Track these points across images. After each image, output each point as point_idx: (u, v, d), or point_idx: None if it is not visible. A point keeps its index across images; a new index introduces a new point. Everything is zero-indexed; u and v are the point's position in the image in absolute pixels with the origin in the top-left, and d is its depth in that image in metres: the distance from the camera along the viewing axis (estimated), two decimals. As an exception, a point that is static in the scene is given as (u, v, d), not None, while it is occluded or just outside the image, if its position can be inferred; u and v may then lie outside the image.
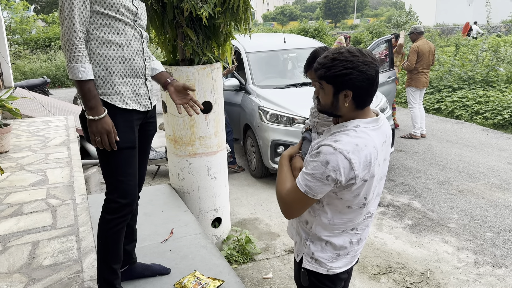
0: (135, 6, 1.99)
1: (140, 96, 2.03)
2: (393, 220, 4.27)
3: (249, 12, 3.31)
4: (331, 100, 1.49)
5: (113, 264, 2.11)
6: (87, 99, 1.84)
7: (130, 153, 2.00)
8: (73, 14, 1.79)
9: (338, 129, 1.52)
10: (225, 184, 3.61)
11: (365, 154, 1.43)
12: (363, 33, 21.54)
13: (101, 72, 1.91)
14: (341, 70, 1.41)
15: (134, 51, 1.98)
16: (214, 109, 3.32)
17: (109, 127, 1.87)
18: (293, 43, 6.50)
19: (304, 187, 1.48)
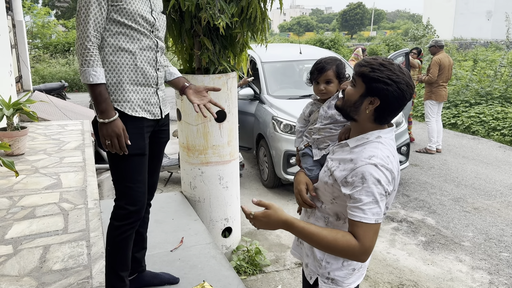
0: (153, 17, 2.00)
1: (150, 104, 2.03)
2: (406, 236, 4.19)
3: (266, 22, 3.32)
4: (356, 99, 1.45)
5: (121, 272, 2.10)
6: (98, 102, 1.85)
7: (140, 160, 2.00)
8: (88, 19, 1.81)
9: (358, 142, 1.48)
10: (237, 193, 3.59)
11: (396, 165, 1.43)
12: (380, 45, 21.46)
13: (112, 79, 1.92)
14: (384, 78, 1.38)
15: (147, 60, 1.99)
16: (228, 118, 3.32)
17: (119, 130, 1.88)
18: (308, 54, 6.49)
19: (373, 216, 1.35)
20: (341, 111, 1.53)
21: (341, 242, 1.34)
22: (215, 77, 3.20)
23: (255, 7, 3.05)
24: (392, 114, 1.45)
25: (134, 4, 1.90)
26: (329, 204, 1.56)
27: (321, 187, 1.59)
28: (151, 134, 2.12)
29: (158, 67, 2.06)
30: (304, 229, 1.37)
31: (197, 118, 3.25)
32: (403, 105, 1.42)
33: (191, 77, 3.20)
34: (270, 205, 1.39)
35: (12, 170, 3.16)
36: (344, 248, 1.34)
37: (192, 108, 3.22)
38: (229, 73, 3.28)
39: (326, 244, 1.35)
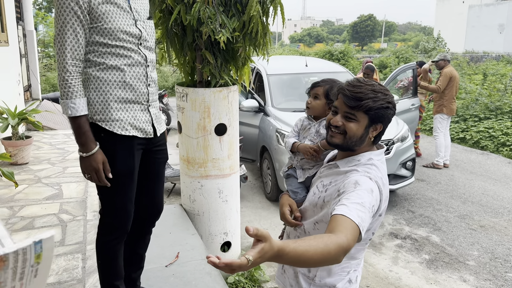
0: (138, 29, 1.93)
1: (141, 122, 1.98)
2: (409, 254, 4.11)
3: (268, 37, 3.31)
4: (362, 133, 1.41)
5: (115, 281, 2.09)
6: (77, 135, 1.81)
7: (128, 178, 1.97)
8: (63, 49, 1.76)
9: (349, 163, 1.44)
10: (237, 207, 3.56)
11: (386, 188, 1.40)
12: (389, 58, 21.39)
13: (99, 97, 1.87)
14: (384, 104, 1.39)
15: (137, 76, 1.93)
16: (229, 131, 3.30)
17: (98, 164, 1.83)
18: (314, 66, 6.48)
19: (358, 218, 1.21)
20: (342, 148, 1.46)
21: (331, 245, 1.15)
22: (216, 90, 3.19)
23: (256, 22, 3.04)
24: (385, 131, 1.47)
25: (115, 21, 1.84)
26: (311, 228, 1.52)
27: (309, 209, 1.54)
28: (147, 154, 2.08)
29: (149, 83, 2.00)
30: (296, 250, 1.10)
31: (197, 131, 3.23)
32: None
33: (192, 90, 3.20)
34: (266, 236, 1.05)
35: (11, 181, 3.17)
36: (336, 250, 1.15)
37: (193, 121, 3.22)
38: (230, 87, 3.27)
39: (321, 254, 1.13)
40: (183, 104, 3.26)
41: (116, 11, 1.85)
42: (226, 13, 3.06)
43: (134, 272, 2.31)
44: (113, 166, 1.90)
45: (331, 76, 7.00)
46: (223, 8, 3.04)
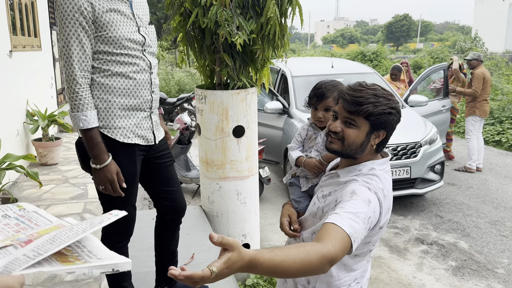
0: (142, 35, 1.94)
1: (143, 129, 1.99)
2: (435, 260, 3.98)
3: (286, 38, 3.29)
4: (363, 140, 1.35)
5: (123, 283, 2.13)
6: (90, 147, 1.81)
7: (130, 184, 1.98)
8: (71, 61, 1.75)
9: (350, 173, 1.38)
10: (255, 209, 3.55)
11: (388, 200, 1.34)
12: (424, 58, 20.86)
13: (103, 104, 1.87)
14: (387, 109, 1.32)
15: (142, 83, 1.94)
16: (247, 133, 3.30)
17: (112, 175, 1.83)
18: (341, 68, 6.39)
19: (349, 228, 1.16)
20: (341, 155, 1.41)
21: (313, 254, 1.08)
22: (233, 93, 3.20)
23: (274, 23, 3.03)
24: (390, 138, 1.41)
25: (119, 29, 1.84)
26: (309, 238, 1.47)
27: (309, 219, 1.50)
28: (150, 161, 2.10)
29: (153, 89, 2.01)
30: (271, 260, 1.03)
31: (215, 133, 3.25)
32: None
33: (210, 92, 3.22)
34: (233, 245, 0.97)
35: (36, 180, 3.28)
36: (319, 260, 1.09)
37: (211, 123, 3.24)
38: (248, 89, 3.27)
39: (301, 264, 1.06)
40: (202, 106, 3.28)
41: (120, 19, 1.86)
42: (243, 16, 3.06)
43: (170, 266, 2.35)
44: None
45: (358, 78, 6.89)
46: (241, 11, 3.05)
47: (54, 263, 0.68)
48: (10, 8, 5.05)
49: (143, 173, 2.16)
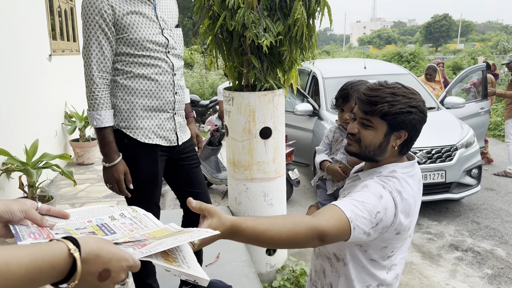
0: (165, 37, 1.97)
1: (165, 130, 2.02)
2: (470, 268, 3.84)
3: (314, 39, 3.27)
4: (381, 141, 1.29)
5: (147, 280, 2.18)
6: (101, 145, 1.87)
7: (151, 185, 2.02)
8: (90, 62, 1.81)
9: (370, 175, 1.34)
10: (282, 211, 3.55)
11: (406, 205, 1.26)
12: (464, 59, 20.20)
13: (125, 105, 1.91)
14: (405, 108, 1.25)
15: (164, 85, 1.97)
16: (274, 135, 3.30)
17: (119, 175, 1.87)
18: (373, 69, 6.29)
19: (350, 213, 1.15)
20: (360, 157, 1.36)
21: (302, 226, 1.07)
22: (260, 94, 3.21)
23: (301, 25, 3.02)
24: (416, 139, 1.34)
25: (140, 31, 1.87)
26: None
27: None
28: (175, 163, 2.12)
29: (176, 91, 2.03)
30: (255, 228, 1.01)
31: (242, 134, 3.27)
32: (423, 125, 1.32)
33: (238, 94, 3.25)
34: (212, 211, 0.97)
35: (70, 179, 3.41)
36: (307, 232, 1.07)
37: (238, 124, 3.26)
38: (275, 90, 3.27)
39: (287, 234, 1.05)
40: (230, 108, 3.32)
41: (142, 21, 1.89)
42: (271, 17, 3.07)
43: None
44: (137, 172, 1.96)
45: (391, 79, 6.76)
46: (268, 13, 3.06)
47: (159, 258, 0.80)
48: (50, 14, 5.28)
49: (169, 173, 2.20)
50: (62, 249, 0.68)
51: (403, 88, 1.31)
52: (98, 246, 0.72)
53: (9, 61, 3.88)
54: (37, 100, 4.55)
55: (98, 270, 0.71)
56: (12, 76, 3.91)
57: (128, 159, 1.94)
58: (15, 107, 3.92)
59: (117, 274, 0.73)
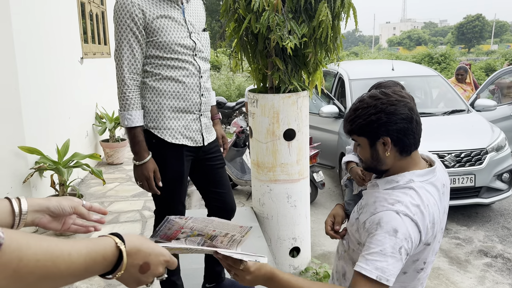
0: (193, 40, 2.03)
1: (192, 131, 2.07)
2: (499, 274, 3.73)
3: (339, 41, 3.27)
4: (370, 154, 1.32)
5: (171, 277, 2.23)
6: (132, 144, 1.93)
7: (177, 184, 2.07)
8: (121, 64, 1.89)
9: (388, 185, 1.32)
10: (306, 213, 3.55)
11: (428, 215, 1.24)
12: (498, 60, 19.59)
13: (154, 106, 1.98)
14: (367, 118, 1.26)
15: (191, 87, 2.03)
16: (298, 137, 3.31)
17: (149, 173, 1.93)
18: (402, 70, 6.19)
19: (375, 271, 1.15)
20: (371, 171, 1.40)
21: None
22: (284, 96, 3.23)
23: (325, 27, 3.02)
24: (411, 135, 1.28)
25: (169, 34, 1.93)
26: (356, 247, 1.40)
27: (349, 227, 1.46)
28: (200, 163, 2.18)
29: (202, 93, 2.09)
30: (289, 280, 1.16)
31: (266, 136, 3.30)
32: (410, 119, 1.27)
33: (262, 96, 3.28)
34: None
35: (99, 178, 3.52)
36: None
37: (262, 126, 3.29)
38: (299, 92, 3.28)
39: None
40: (254, 110, 3.35)
41: (171, 24, 1.95)
42: (296, 20, 3.09)
43: (218, 265, 2.45)
44: (164, 171, 2.02)
45: (420, 81, 6.60)
46: (293, 15, 3.08)
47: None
48: (82, 18, 5.46)
49: (195, 173, 2.25)
50: (111, 242, 0.78)
51: (370, 98, 1.29)
52: (139, 242, 0.82)
53: (43, 64, 4.03)
54: (69, 101, 4.71)
55: (139, 263, 0.80)
56: (46, 78, 4.07)
57: (156, 158, 2.00)
58: (48, 108, 4.08)
59: (156, 267, 0.83)
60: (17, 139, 3.39)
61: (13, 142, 3.36)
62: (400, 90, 1.32)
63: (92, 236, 3.39)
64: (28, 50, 3.67)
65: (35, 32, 3.87)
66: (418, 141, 1.31)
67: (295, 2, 3.03)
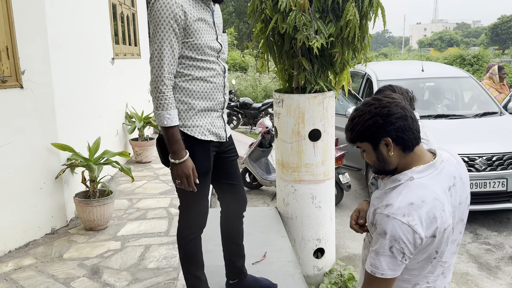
0: (219, 43, 2.10)
1: (217, 127, 2.15)
2: (532, 282, 3.61)
3: (367, 41, 3.24)
4: (376, 156, 1.40)
5: (195, 272, 2.27)
6: (171, 143, 1.94)
7: (204, 178, 2.13)
8: (162, 64, 1.90)
9: (392, 183, 1.41)
10: (331, 214, 3.53)
11: (425, 211, 1.29)
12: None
13: (183, 105, 2.03)
14: (364, 124, 1.36)
15: (216, 87, 2.10)
16: (323, 137, 3.30)
17: (189, 171, 1.96)
18: (431, 71, 6.08)
19: (370, 267, 1.35)
20: (382, 173, 1.47)
21: None
22: (310, 96, 3.23)
23: (353, 27, 3.00)
24: (410, 132, 1.36)
25: (203, 37, 2.00)
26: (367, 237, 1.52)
27: (368, 221, 1.53)
28: (218, 155, 2.24)
29: (225, 91, 2.18)
30: None
31: (291, 136, 3.30)
32: (405, 116, 1.35)
33: (287, 96, 3.28)
34: None
35: (128, 175, 3.60)
36: None
37: (288, 126, 3.30)
38: (325, 92, 3.27)
39: None
40: (279, 110, 3.36)
41: (205, 27, 2.02)
42: (323, 20, 3.08)
43: (238, 260, 2.49)
44: None
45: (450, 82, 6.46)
46: (320, 15, 3.07)
47: None
48: (113, 19, 5.61)
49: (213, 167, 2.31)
50: None
51: (364, 105, 1.40)
52: None
53: (77, 64, 4.17)
54: (100, 100, 4.85)
55: None
56: (79, 78, 4.20)
57: None
58: (81, 107, 4.21)
59: None
60: (51, 136, 3.52)
61: (46, 139, 3.48)
62: (390, 93, 1.45)
63: (123, 228, 3.49)
64: (62, 51, 3.80)
65: (69, 34, 4.00)
66: (418, 136, 1.38)
67: (322, 2, 3.03)
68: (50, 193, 3.53)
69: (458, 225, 1.44)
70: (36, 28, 3.41)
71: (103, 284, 2.69)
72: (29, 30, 3.34)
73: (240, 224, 2.48)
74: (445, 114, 5.43)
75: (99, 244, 3.27)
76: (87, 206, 3.45)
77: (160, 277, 2.74)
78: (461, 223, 1.45)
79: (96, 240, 3.34)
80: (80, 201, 3.49)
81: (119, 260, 2.97)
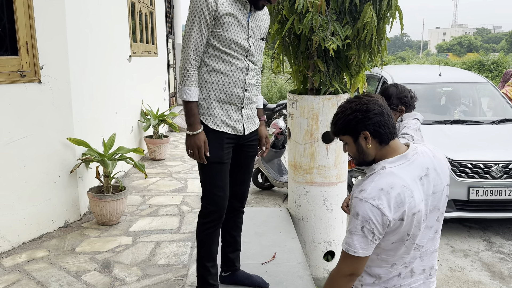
0: (249, 44, 2.22)
1: (233, 120, 2.24)
2: (546, 293, 3.53)
3: (384, 44, 3.22)
4: (356, 148, 1.55)
5: (206, 262, 2.33)
6: (188, 116, 2.14)
7: (219, 168, 2.22)
8: (189, 44, 2.12)
9: (369, 171, 1.57)
10: (342, 217, 3.51)
11: (394, 196, 1.44)
12: (556, 69, 18.50)
13: (202, 95, 2.19)
14: (345, 118, 1.52)
15: (236, 82, 2.21)
16: (336, 140, 3.28)
17: (201, 143, 2.13)
18: (449, 76, 6.00)
19: (345, 245, 1.49)
20: (362, 164, 1.62)
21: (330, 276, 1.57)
22: (325, 98, 3.22)
23: (370, 29, 2.99)
24: (385, 126, 1.50)
25: (231, 32, 2.14)
26: None
27: None
28: (238, 147, 2.33)
29: (246, 88, 2.25)
30: None
31: (304, 137, 3.30)
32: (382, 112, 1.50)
33: (301, 97, 3.28)
34: None
35: (142, 172, 3.64)
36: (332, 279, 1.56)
37: (301, 127, 3.29)
38: (340, 95, 3.26)
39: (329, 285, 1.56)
40: (293, 111, 3.35)
41: (234, 23, 2.16)
42: (339, 21, 3.07)
43: (231, 252, 2.55)
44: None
45: (467, 87, 6.39)
46: (336, 17, 3.06)
47: None
48: (132, 18, 5.67)
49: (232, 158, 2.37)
50: None
51: (346, 103, 1.56)
52: None
53: (94, 61, 4.22)
54: (116, 97, 4.90)
55: None
56: (96, 74, 4.26)
57: None
58: (97, 103, 4.26)
59: None
60: (67, 131, 3.57)
61: (63, 134, 3.54)
62: (370, 93, 1.59)
63: (135, 224, 3.53)
64: (81, 48, 3.86)
65: (87, 31, 4.06)
66: (393, 131, 1.53)
67: (340, 3, 3.02)
68: (64, 187, 3.59)
69: (433, 213, 1.56)
70: (55, 24, 3.47)
71: (114, 279, 2.72)
72: (49, 26, 3.40)
73: (240, 218, 2.56)
74: (462, 119, 5.36)
75: (111, 239, 3.31)
76: (101, 201, 3.49)
77: (169, 274, 2.76)
78: (437, 211, 1.58)
79: (108, 235, 3.39)
80: (94, 195, 3.53)
81: (130, 256, 3.01)
